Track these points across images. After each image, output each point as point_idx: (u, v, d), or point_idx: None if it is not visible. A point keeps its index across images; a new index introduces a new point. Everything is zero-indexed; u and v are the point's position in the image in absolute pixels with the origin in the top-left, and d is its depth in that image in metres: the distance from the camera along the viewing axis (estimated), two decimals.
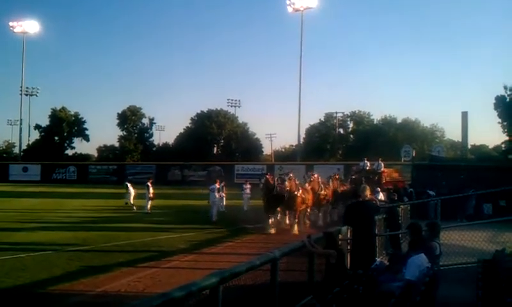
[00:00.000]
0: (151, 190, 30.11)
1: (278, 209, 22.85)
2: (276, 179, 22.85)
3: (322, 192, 24.34)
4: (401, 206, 17.89)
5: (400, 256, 9.12)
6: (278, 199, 21.92)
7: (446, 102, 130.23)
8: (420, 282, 6.83)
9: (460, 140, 54.50)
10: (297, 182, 22.48)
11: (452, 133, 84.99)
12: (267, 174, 24.11)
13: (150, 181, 31.81)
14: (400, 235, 14.63)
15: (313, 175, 25.03)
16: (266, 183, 22.17)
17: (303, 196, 22.18)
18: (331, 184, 25.97)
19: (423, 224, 9.33)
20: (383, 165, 32.84)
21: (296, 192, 21.71)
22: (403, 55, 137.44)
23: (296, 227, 21.17)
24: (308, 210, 23.89)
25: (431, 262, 7.70)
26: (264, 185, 22.18)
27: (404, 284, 7.06)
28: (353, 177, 29.80)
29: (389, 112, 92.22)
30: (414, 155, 55.71)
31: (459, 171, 35.84)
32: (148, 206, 29.47)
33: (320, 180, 24.91)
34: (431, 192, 27.05)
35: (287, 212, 22.73)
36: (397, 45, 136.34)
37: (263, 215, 22.54)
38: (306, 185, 23.46)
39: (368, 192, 11.80)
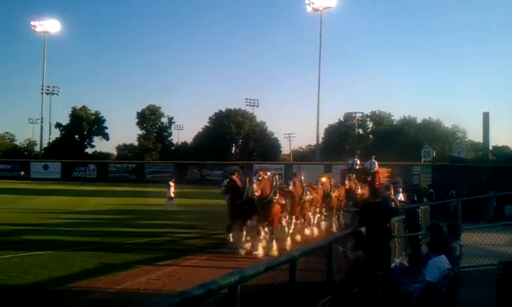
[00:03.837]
0: (172, 189, 30.36)
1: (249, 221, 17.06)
2: (247, 180, 16.66)
3: (308, 197, 18.84)
4: (421, 207, 17.75)
5: (420, 257, 9.04)
6: (249, 208, 16.30)
7: (467, 103, 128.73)
8: (440, 283, 6.76)
9: (481, 141, 53.80)
10: (277, 182, 16.88)
11: (474, 134, 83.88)
12: (233, 173, 16.91)
13: (173, 180, 32.11)
14: (420, 236, 14.51)
15: (296, 177, 19.23)
16: (232, 185, 16.39)
17: (281, 201, 16.35)
18: (320, 186, 20.61)
19: (443, 225, 9.24)
20: (377, 164, 28.97)
21: (271, 197, 15.86)
22: (424, 55, 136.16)
23: (274, 246, 15.54)
24: (294, 220, 18.24)
25: (451, 264, 7.62)
26: (227, 188, 16.42)
27: (424, 286, 6.99)
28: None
29: (409, 113, 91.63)
30: (434, 155, 55.27)
31: (480, 172, 35.52)
32: (168, 204, 29.72)
33: (304, 182, 19.36)
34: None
35: (261, 225, 16.25)
36: (417, 44, 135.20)
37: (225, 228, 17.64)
38: (292, 185, 18.08)
39: (392, 191, 11.73)
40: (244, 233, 16.46)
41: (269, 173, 16.68)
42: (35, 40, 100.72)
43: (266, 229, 16.04)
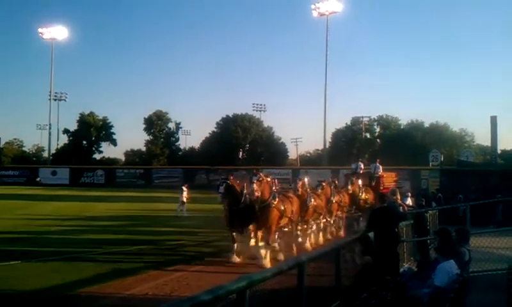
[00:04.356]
0: (185, 193, 30.52)
1: (251, 228, 15.72)
2: (244, 185, 15.50)
3: (312, 202, 17.83)
4: (429, 211, 17.68)
5: (428, 262, 9.03)
6: (248, 214, 15.15)
7: (475, 106, 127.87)
8: (449, 289, 6.74)
9: (489, 144, 53.49)
10: (276, 187, 15.98)
11: (482, 137, 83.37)
12: (228, 177, 16.07)
13: (186, 185, 32.38)
14: (428, 241, 14.46)
15: (300, 180, 18.33)
16: (229, 190, 15.22)
17: (281, 207, 15.35)
18: (320, 191, 19.49)
19: (452, 230, 9.22)
20: (381, 168, 27.69)
21: (270, 201, 14.97)
22: (431, 58, 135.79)
23: (267, 253, 14.64)
24: (297, 227, 17.27)
25: (460, 268, 7.59)
26: (225, 195, 15.20)
27: (432, 291, 6.97)
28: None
29: (416, 117, 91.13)
30: (442, 159, 55.06)
31: (488, 176, 35.38)
32: (179, 209, 29.87)
33: (308, 187, 18.65)
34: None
35: (258, 232, 15.41)
36: (424, 48, 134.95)
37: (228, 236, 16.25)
38: (300, 184, 17.46)
39: (398, 196, 11.71)
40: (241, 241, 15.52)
41: (269, 178, 15.96)
42: (43, 47, 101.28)
43: (263, 235, 15.19)
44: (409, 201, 20.40)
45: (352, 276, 8.46)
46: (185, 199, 30.51)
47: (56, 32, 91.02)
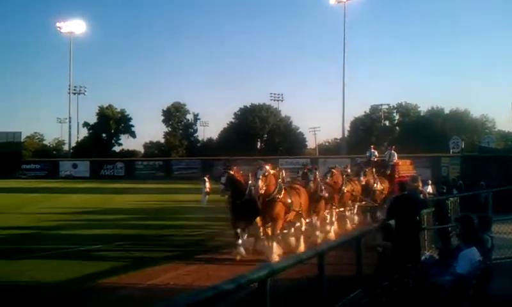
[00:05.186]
0: (207, 184, 30.58)
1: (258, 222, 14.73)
2: (249, 176, 14.47)
3: (323, 193, 16.86)
4: (450, 198, 17.51)
5: (450, 250, 8.96)
6: (253, 207, 14.16)
7: (496, 92, 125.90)
8: (471, 276, 6.69)
9: (511, 130, 52.78)
10: (282, 179, 14.92)
11: (503, 123, 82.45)
12: (230, 168, 14.84)
13: (208, 176, 32.40)
14: (449, 229, 14.34)
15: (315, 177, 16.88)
16: (231, 182, 14.24)
17: (287, 200, 14.19)
18: (329, 180, 18.34)
19: (474, 217, 9.13)
20: (396, 155, 26.22)
21: (275, 195, 13.82)
22: (450, 44, 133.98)
23: (275, 248, 13.53)
24: (303, 221, 15.56)
25: (482, 255, 7.52)
26: (227, 186, 14.27)
27: (455, 278, 6.93)
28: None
29: (436, 103, 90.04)
30: (463, 146, 54.42)
31: (510, 162, 34.93)
32: (205, 200, 30.01)
33: (318, 177, 17.27)
34: None
35: (263, 227, 14.46)
36: (444, 35, 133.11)
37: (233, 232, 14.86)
38: (311, 183, 16.11)
39: (419, 183, 11.62)
40: (246, 235, 14.69)
41: (274, 170, 14.46)
42: (61, 41, 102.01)
43: (269, 230, 14.17)
44: (429, 189, 20.21)
45: (374, 264, 8.43)
46: (208, 189, 30.57)
47: (74, 26, 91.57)
